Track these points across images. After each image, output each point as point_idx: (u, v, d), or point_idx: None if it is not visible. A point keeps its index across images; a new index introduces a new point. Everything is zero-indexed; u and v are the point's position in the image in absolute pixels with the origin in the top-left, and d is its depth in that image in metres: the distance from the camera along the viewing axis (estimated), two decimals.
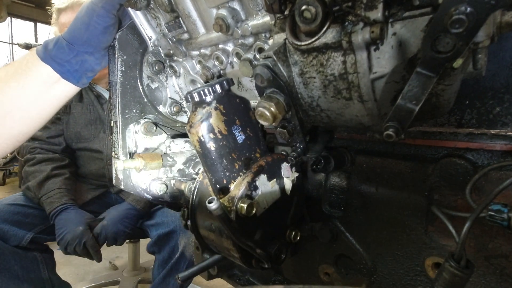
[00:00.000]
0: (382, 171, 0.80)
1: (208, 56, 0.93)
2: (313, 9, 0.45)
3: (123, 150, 1.06)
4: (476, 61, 0.44)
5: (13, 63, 1.01)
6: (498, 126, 0.63)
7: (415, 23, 0.43)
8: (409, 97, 0.44)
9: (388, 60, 0.46)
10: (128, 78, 1.07)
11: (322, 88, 0.54)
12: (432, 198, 0.72)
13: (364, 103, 0.51)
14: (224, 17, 0.75)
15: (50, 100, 1.00)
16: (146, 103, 1.11)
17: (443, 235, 0.71)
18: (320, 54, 0.50)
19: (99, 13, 0.89)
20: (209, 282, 2.57)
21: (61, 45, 0.94)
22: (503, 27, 0.41)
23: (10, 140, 1.01)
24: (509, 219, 0.55)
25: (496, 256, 0.65)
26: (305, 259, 0.98)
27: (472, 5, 0.36)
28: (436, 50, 0.40)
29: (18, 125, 1.00)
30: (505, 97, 0.62)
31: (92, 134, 1.98)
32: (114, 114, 1.07)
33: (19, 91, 0.96)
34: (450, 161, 0.69)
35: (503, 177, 0.62)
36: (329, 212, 0.89)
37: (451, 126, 0.68)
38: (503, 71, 0.61)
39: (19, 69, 0.98)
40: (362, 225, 0.85)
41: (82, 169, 2.06)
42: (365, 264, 0.85)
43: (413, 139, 0.74)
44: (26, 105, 0.98)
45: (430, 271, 0.74)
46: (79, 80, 1.00)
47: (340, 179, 0.88)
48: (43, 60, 0.95)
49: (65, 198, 1.75)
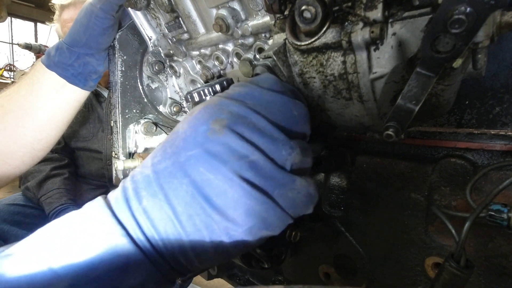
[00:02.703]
0: (382, 171, 0.80)
1: (208, 56, 0.93)
2: (313, 9, 0.45)
3: (123, 150, 1.06)
4: (476, 61, 0.44)
5: (25, 75, 1.04)
6: (498, 126, 0.63)
7: (415, 23, 0.43)
8: (409, 97, 0.44)
9: (388, 60, 0.46)
10: (128, 78, 1.07)
11: (322, 88, 0.54)
12: (432, 198, 0.72)
13: (364, 103, 0.51)
14: (224, 17, 0.75)
15: (59, 105, 1.02)
16: (146, 103, 1.11)
17: (443, 235, 0.71)
18: (320, 54, 0.50)
19: (97, 14, 0.89)
20: (209, 282, 2.57)
21: (62, 49, 0.96)
22: (503, 27, 0.41)
23: (26, 148, 1.03)
24: (508, 219, 0.56)
25: (496, 256, 0.65)
26: (305, 259, 0.98)
27: (472, 5, 0.36)
28: (435, 50, 0.40)
29: (30, 131, 1.01)
30: (505, 97, 0.62)
31: (91, 133, 1.97)
32: (114, 114, 1.07)
33: (28, 98, 0.99)
34: (450, 161, 0.69)
35: (503, 177, 0.62)
36: (329, 212, 0.89)
37: (451, 126, 0.68)
38: (503, 71, 0.61)
39: (28, 78, 1.01)
40: (362, 225, 0.85)
41: (81, 169, 2.06)
42: (365, 264, 0.85)
43: (413, 139, 0.74)
44: (35, 111, 1.00)
45: (430, 271, 0.74)
46: (85, 83, 1.02)
47: (340, 179, 0.88)
48: (48, 67, 0.97)
49: (64, 199, 1.75)
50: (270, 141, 0.42)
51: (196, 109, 0.47)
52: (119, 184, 0.48)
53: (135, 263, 0.41)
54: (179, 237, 0.42)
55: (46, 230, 0.44)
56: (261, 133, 0.42)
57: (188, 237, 0.42)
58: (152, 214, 0.42)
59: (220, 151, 0.41)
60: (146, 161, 0.47)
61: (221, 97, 0.46)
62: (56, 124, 1.05)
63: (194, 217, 0.41)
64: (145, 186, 0.43)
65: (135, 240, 0.42)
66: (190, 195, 0.41)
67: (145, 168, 0.45)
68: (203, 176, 0.41)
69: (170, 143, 0.45)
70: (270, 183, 0.42)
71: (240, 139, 0.41)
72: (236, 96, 0.46)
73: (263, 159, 0.41)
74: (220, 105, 0.44)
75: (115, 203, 0.44)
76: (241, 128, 0.42)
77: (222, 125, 0.41)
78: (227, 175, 0.40)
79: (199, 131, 0.42)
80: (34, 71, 1.01)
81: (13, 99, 0.99)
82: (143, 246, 0.42)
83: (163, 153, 0.45)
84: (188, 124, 0.45)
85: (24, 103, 0.99)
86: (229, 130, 0.41)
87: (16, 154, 1.02)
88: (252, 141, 0.41)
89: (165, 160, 0.44)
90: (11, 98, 0.99)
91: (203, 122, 0.43)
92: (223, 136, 0.41)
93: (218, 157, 0.41)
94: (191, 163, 0.41)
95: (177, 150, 0.43)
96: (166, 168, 0.43)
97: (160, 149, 0.47)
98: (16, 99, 0.99)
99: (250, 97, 0.45)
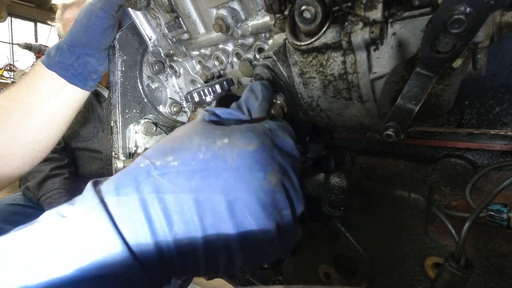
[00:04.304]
0: (382, 171, 0.80)
1: (208, 56, 0.93)
2: (313, 9, 0.45)
3: (123, 150, 1.06)
4: (476, 61, 0.44)
5: (25, 75, 1.04)
6: (498, 126, 0.63)
7: (415, 23, 0.43)
8: (409, 97, 0.44)
9: (387, 60, 0.46)
10: (128, 78, 1.07)
11: (322, 88, 0.54)
12: (432, 198, 0.72)
13: (363, 103, 0.51)
14: (224, 17, 0.75)
15: (59, 105, 1.02)
16: (146, 103, 1.11)
17: (443, 235, 0.71)
18: (320, 54, 0.50)
19: (97, 14, 0.89)
20: (209, 282, 2.57)
21: (62, 49, 0.95)
22: (502, 27, 0.41)
23: (26, 149, 1.02)
24: (508, 219, 0.56)
25: (496, 256, 0.65)
26: (305, 259, 0.98)
27: (472, 5, 0.36)
28: (435, 50, 0.40)
29: (31, 132, 1.01)
30: (505, 97, 0.62)
31: (91, 133, 1.97)
32: (114, 114, 1.07)
33: (28, 98, 0.99)
34: (450, 161, 0.69)
35: (503, 177, 0.62)
36: (329, 212, 0.89)
37: (451, 126, 0.68)
38: (503, 71, 0.61)
39: (28, 79, 1.01)
40: (362, 225, 0.85)
41: (81, 169, 2.06)
42: (365, 264, 0.85)
43: (413, 139, 0.74)
44: (35, 112, 1.00)
45: (430, 271, 0.74)
46: (85, 83, 1.02)
47: (340, 179, 0.88)
48: (48, 68, 0.97)
49: (64, 199, 1.75)
50: (296, 198, 0.48)
51: (249, 135, 0.46)
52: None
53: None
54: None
55: (25, 241, 0.39)
56: (294, 190, 0.48)
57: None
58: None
59: (268, 203, 0.44)
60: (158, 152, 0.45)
61: (271, 139, 0.48)
62: (57, 124, 1.05)
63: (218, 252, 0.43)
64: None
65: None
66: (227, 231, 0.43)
67: (162, 168, 0.43)
68: (245, 221, 0.43)
69: (207, 156, 0.44)
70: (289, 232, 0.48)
71: (285, 196, 0.46)
72: (282, 146, 0.49)
73: (289, 214, 0.47)
74: (272, 153, 0.47)
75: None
76: (287, 184, 0.47)
77: (278, 179, 0.45)
78: (269, 225, 0.44)
79: (255, 177, 0.44)
80: (34, 71, 1.01)
81: (13, 100, 0.99)
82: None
83: (193, 156, 0.44)
84: (240, 154, 0.44)
85: (24, 104, 0.99)
86: (281, 186, 0.46)
87: (17, 155, 1.01)
88: (291, 196, 0.47)
89: (200, 172, 0.43)
90: (11, 99, 0.99)
91: (260, 168, 0.44)
92: (276, 191, 0.45)
93: (265, 209, 0.44)
94: (239, 206, 0.42)
95: (221, 179, 0.43)
96: (199, 187, 0.42)
97: (189, 149, 0.44)
98: (16, 99, 0.99)
99: (287, 149, 0.50)
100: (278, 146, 0.48)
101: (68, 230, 0.39)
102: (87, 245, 0.38)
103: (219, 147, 0.44)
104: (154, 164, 0.43)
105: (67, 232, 0.39)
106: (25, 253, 0.37)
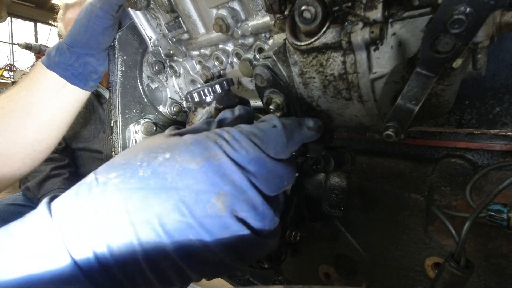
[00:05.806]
0: (382, 171, 0.80)
1: (208, 56, 0.93)
2: (313, 9, 0.45)
3: (123, 150, 1.06)
4: (476, 61, 0.44)
5: (25, 76, 1.04)
6: (498, 126, 0.63)
7: (415, 23, 0.43)
8: (409, 97, 0.44)
9: (387, 60, 0.46)
10: (128, 78, 1.07)
11: (322, 88, 0.54)
12: (432, 198, 0.72)
13: (363, 103, 0.51)
14: (224, 17, 0.75)
15: (60, 106, 1.02)
16: (146, 103, 1.11)
17: (443, 235, 0.71)
18: (320, 54, 0.50)
19: (97, 14, 0.89)
20: (209, 282, 2.57)
21: (62, 50, 0.96)
22: (502, 27, 0.41)
23: (27, 150, 1.02)
24: (508, 219, 0.56)
25: (496, 256, 0.65)
26: (305, 259, 0.98)
27: (472, 5, 0.36)
28: (435, 50, 0.40)
29: (31, 132, 1.01)
30: (505, 97, 0.62)
31: (92, 134, 1.97)
32: (114, 114, 1.07)
33: (29, 99, 0.99)
34: (450, 161, 0.69)
35: (503, 177, 0.62)
36: (329, 212, 0.89)
37: (451, 126, 0.68)
38: (503, 71, 0.61)
39: (29, 79, 1.01)
40: (362, 225, 0.85)
41: (82, 169, 2.06)
42: (365, 264, 0.85)
43: (413, 139, 0.74)
44: (36, 112, 1.00)
45: (430, 271, 0.74)
46: (85, 83, 1.02)
47: (340, 179, 0.88)
48: (48, 68, 0.97)
49: None
50: (259, 219, 0.43)
51: (193, 149, 0.41)
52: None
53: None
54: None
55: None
56: (254, 211, 0.42)
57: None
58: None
59: (215, 228, 0.40)
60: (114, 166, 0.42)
61: (225, 153, 0.42)
62: (57, 125, 1.04)
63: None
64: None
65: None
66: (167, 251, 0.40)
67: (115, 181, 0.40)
68: (189, 243, 0.39)
69: (147, 173, 0.40)
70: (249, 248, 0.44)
71: (236, 221, 0.41)
72: (242, 160, 0.42)
73: (246, 234, 0.42)
74: (225, 168, 0.41)
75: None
76: (240, 206, 0.41)
77: (225, 205, 0.40)
78: (214, 251, 0.40)
79: (199, 199, 0.39)
80: (34, 72, 1.01)
81: (14, 100, 0.99)
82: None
83: (132, 174, 0.40)
84: (180, 173, 0.40)
85: (25, 104, 0.99)
86: (229, 213, 0.40)
87: (17, 156, 1.01)
88: (245, 220, 0.42)
89: (138, 192, 0.39)
90: (11, 100, 0.99)
91: (205, 190, 0.40)
92: (222, 217, 0.40)
93: (211, 234, 0.40)
94: (182, 228, 0.39)
95: (159, 200, 0.39)
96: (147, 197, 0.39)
97: (133, 164, 0.41)
98: (16, 100, 0.99)
99: (255, 163, 0.43)
100: (236, 161, 0.42)
101: (16, 247, 0.38)
102: (35, 260, 0.37)
103: (160, 163, 0.40)
104: (97, 181, 0.41)
105: (15, 248, 0.38)
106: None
